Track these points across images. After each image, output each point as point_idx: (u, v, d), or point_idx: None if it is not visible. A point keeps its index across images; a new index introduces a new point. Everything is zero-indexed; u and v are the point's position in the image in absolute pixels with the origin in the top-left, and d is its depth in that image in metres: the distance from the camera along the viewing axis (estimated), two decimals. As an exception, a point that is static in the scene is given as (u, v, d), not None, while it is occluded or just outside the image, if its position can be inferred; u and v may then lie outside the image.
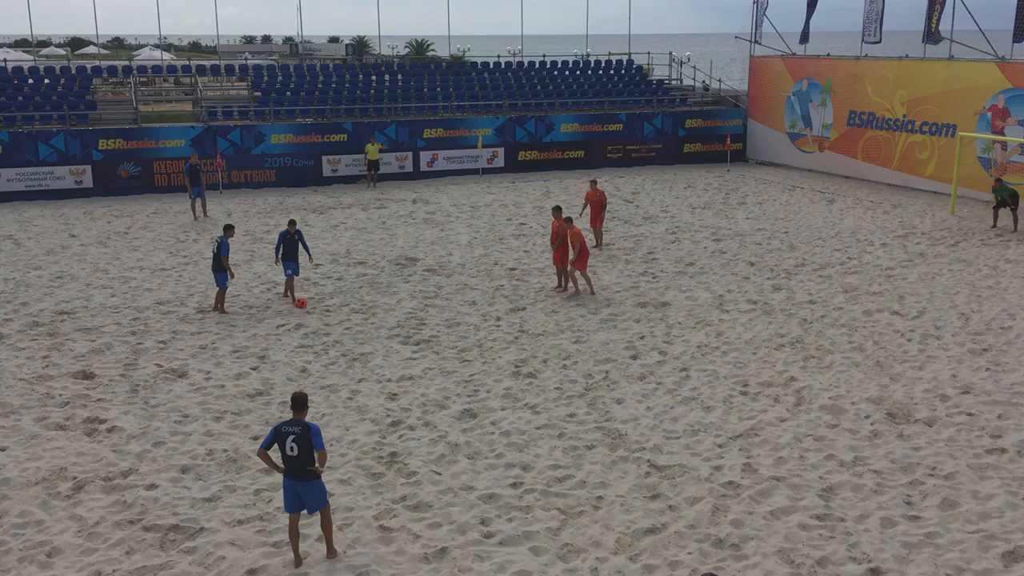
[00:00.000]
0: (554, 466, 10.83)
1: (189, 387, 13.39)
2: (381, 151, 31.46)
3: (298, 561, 8.84)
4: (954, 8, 27.83)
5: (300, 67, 37.47)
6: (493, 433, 11.78)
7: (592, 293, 17.95)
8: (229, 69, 37.38)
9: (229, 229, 17.15)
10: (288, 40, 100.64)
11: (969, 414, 12.12)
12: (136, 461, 11.00)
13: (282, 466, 8.71)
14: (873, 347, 14.85)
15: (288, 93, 33.92)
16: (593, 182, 21.97)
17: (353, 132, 31.93)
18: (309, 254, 18.17)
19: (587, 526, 9.52)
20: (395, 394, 13.12)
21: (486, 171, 33.50)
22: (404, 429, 11.94)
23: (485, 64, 39.11)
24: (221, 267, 16.64)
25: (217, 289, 17.05)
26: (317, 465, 8.54)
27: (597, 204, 21.63)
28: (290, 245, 17.45)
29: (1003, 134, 26.44)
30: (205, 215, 25.95)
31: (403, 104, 34.33)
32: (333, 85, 35.21)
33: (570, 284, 18.18)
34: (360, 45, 67.79)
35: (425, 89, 35.66)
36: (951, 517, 9.56)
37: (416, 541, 9.24)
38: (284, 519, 9.59)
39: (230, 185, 30.32)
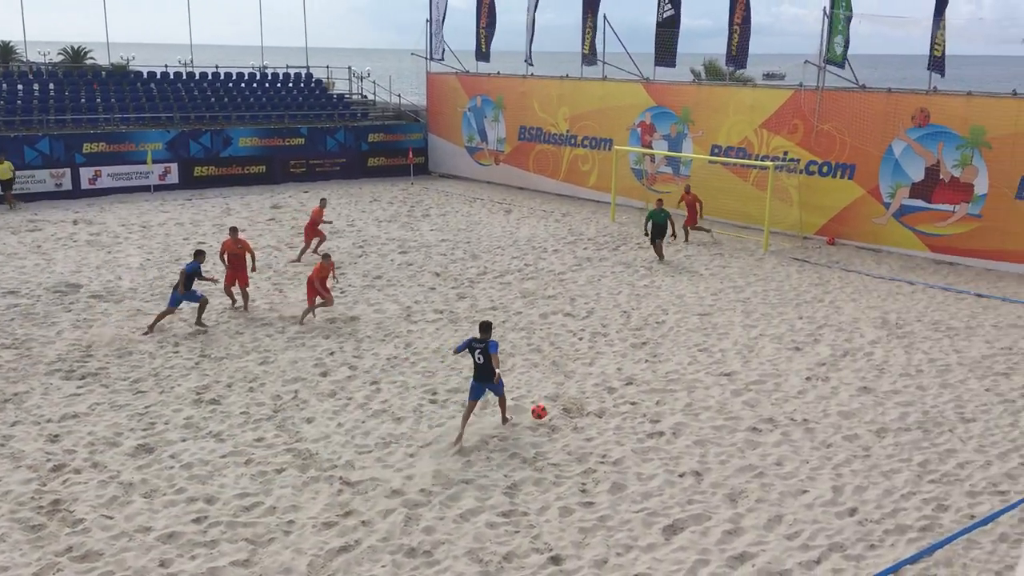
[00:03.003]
0: (241, 495, 10.37)
1: None
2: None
3: (459, 441, 11.55)
4: (604, 33, 30.55)
5: (-73, 73, 32.86)
6: (173, 467, 11.04)
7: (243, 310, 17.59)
8: None
9: (200, 255, 16.93)
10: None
11: (632, 403, 13.30)
12: None
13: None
14: (549, 348, 15.83)
15: (-88, 102, 29.62)
16: (322, 200, 23.22)
17: (-3, 146, 28.55)
18: None
19: (278, 553, 9.21)
20: (57, 435, 11.86)
21: (158, 188, 31.44)
22: (69, 473, 10.83)
23: (152, 74, 36.73)
24: (186, 288, 16.40)
25: (168, 307, 16.61)
26: (495, 368, 11.56)
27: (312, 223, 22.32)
28: None
29: (651, 147, 29.43)
30: None
31: (57, 116, 31.29)
32: (-30, 94, 31.26)
33: (239, 300, 17.89)
34: (4, 51, 60.73)
35: (83, 100, 32.77)
36: (620, 500, 10.42)
37: (85, 596, 8.41)
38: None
39: None
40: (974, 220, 22.37)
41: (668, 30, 29.21)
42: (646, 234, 22.57)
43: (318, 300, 16.97)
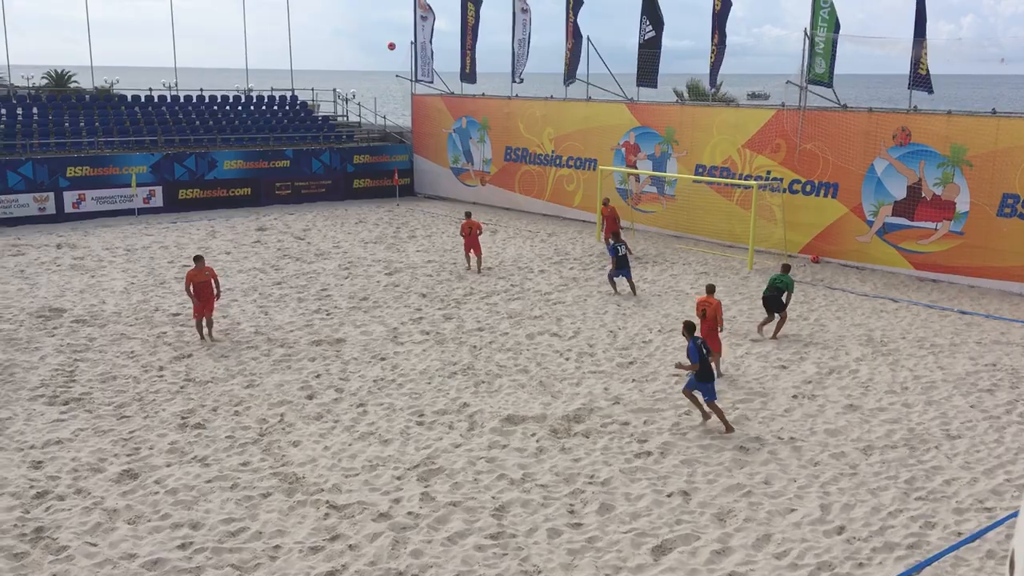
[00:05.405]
0: (227, 520, 10.29)
1: None
2: None
3: (705, 416, 13.07)
4: (588, 53, 30.77)
5: (-91, 97, 32.72)
6: (158, 493, 10.94)
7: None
8: None
9: (616, 236, 21.62)
10: None
11: (620, 423, 13.29)
12: None
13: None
14: (536, 368, 15.81)
15: None
16: (468, 214, 24.17)
17: (-20, 171, 28.45)
18: None
19: (264, 579, 9.12)
20: (40, 461, 11.75)
21: (143, 211, 31.35)
22: (52, 500, 10.72)
23: (136, 97, 36.72)
24: (625, 263, 20.62)
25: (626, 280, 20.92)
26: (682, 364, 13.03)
27: (471, 236, 23.38)
28: None
29: (635, 167, 29.58)
30: None
31: (41, 140, 31.20)
32: (-47, 118, 31.15)
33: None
34: (-13, 74, 60.59)
35: (67, 124, 32.68)
36: (608, 520, 10.39)
37: (69, 625, 8.30)
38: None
39: None
40: (956, 237, 22.56)
41: (650, 51, 29.45)
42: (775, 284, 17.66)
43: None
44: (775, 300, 17.63)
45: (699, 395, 13.09)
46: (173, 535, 9.94)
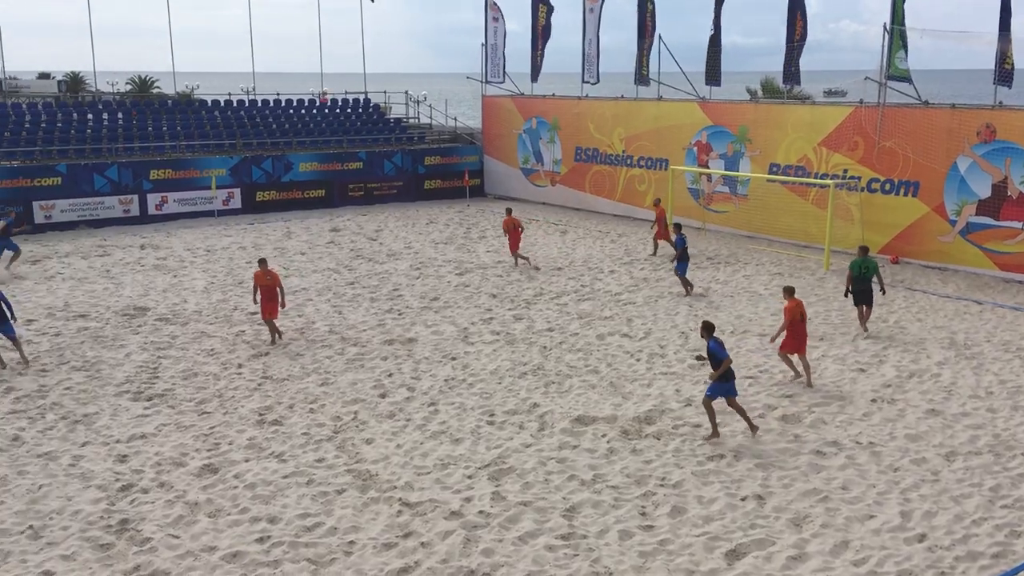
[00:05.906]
0: (303, 515, 10.51)
1: None
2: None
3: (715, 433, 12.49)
4: (659, 53, 30.52)
5: (3, 105, 34.18)
6: (237, 487, 11.23)
7: (809, 384, 14.87)
8: (-84, 106, 33.40)
9: (678, 227, 21.37)
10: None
11: (691, 425, 13.15)
12: None
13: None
14: (607, 369, 15.75)
15: (-10, 133, 30.81)
16: (509, 211, 24.51)
17: (68, 175, 29.57)
18: (12, 314, 15.87)
19: (339, 573, 9.29)
20: (125, 456, 12.16)
21: (222, 213, 32.18)
22: (136, 493, 11.09)
23: (216, 102, 37.73)
24: (685, 257, 20.72)
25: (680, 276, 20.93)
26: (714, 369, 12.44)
27: (514, 231, 23.80)
28: None
29: (707, 166, 29.22)
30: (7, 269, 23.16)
31: (126, 144, 32.28)
32: (43, 125, 32.45)
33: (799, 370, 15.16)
34: (75, 81, 62.96)
35: (150, 128, 33.75)
36: (680, 523, 10.29)
37: (153, 613, 8.57)
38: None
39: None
40: (1045, 237, 21.72)
41: (712, 49, 29.12)
42: (847, 293, 17.81)
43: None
44: (868, 293, 17.37)
45: (713, 399, 12.63)
46: (252, 529, 10.19)
